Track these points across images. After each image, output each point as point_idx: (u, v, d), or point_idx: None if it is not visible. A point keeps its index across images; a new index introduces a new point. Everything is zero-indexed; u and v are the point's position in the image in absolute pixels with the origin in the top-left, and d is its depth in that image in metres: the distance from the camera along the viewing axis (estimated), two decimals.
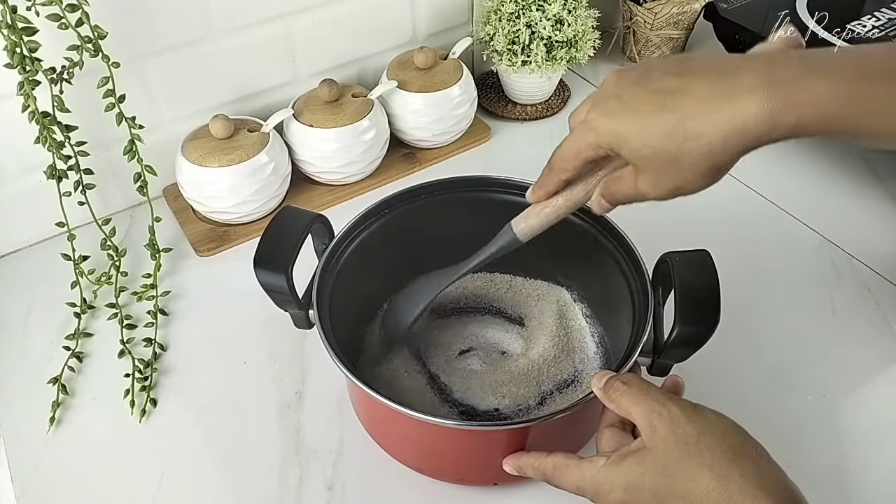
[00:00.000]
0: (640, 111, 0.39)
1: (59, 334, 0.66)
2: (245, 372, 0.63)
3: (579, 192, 0.46)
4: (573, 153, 0.43)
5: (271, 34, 0.78)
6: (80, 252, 0.69)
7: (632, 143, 0.40)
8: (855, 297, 0.69)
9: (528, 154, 0.87)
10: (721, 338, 0.47)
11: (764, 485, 0.38)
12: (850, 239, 0.74)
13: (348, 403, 0.60)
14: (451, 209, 0.62)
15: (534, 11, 0.82)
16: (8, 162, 0.70)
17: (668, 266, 0.49)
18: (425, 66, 0.81)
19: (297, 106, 0.78)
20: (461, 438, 0.50)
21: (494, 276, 0.67)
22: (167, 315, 0.68)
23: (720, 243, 0.56)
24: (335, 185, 0.81)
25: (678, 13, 0.95)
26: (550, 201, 0.47)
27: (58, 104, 0.61)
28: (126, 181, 0.72)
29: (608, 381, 0.45)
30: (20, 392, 0.62)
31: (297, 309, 0.51)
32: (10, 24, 0.56)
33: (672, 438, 0.40)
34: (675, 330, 0.46)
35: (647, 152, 0.39)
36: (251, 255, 0.49)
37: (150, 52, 0.71)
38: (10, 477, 0.56)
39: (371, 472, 0.56)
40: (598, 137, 0.41)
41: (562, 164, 0.44)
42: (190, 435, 0.59)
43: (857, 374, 0.63)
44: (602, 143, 0.41)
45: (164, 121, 0.76)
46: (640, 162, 0.40)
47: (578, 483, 0.44)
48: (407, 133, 0.84)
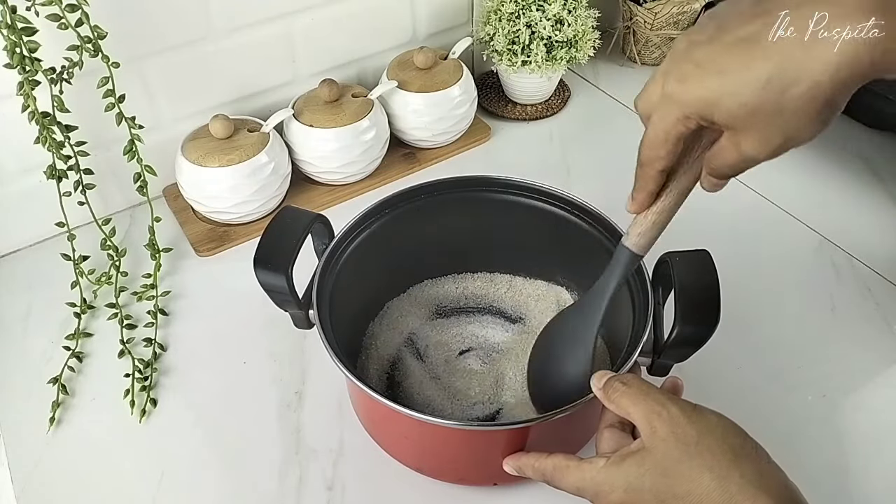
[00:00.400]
0: (725, 69, 0.35)
1: (59, 334, 0.66)
2: (245, 372, 0.63)
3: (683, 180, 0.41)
4: (662, 136, 0.38)
5: (271, 34, 0.78)
6: (80, 252, 0.69)
7: (725, 106, 0.35)
8: (855, 297, 0.69)
9: (528, 154, 0.87)
10: (721, 338, 0.47)
11: (764, 485, 0.38)
12: (850, 239, 0.74)
13: (348, 403, 0.60)
14: (451, 209, 0.62)
15: (534, 11, 0.82)
16: (8, 162, 0.70)
17: (668, 266, 0.49)
18: (425, 66, 0.81)
19: (297, 106, 0.78)
20: (461, 438, 0.50)
21: (494, 276, 0.67)
22: (167, 315, 0.68)
23: (720, 243, 0.56)
24: (335, 185, 0.81)
25: (678, 13, 0.95)
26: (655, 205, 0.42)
27: (58, 104, 0.61)
28: (126, 181, 0.72)
29: (608, 382, 0.45)
30: (20, 392, 0.62)
31: (297, 309, 0.51)
32: (10, 24, 0.56)
33: (672, 439, 0.40)
34: (675, 330, 0.46)
35: (744, 112, 0.34)
36: (251, 255, 0.49)
37: (150, 52, 0.71)
38: (10, 477, 0.56)
39: (371, 472, 0.56)
40: (685, 108, 0.36)
41: (653, 153, 0.39)
42: (190, 435, 0.59)
43: (857, 374, 0.63)
44: (690, 112, 0.36)
45: (164, 121, 0.76)
46: (739, 123, 0.35)
47: (578, 484, 0.44)
48: (407, 133, 0.84)
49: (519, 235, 0.63)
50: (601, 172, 0.84)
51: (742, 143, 0.36)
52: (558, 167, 0.85)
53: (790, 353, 0.64)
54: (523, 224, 0.61)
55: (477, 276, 0.68)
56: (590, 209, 0.58)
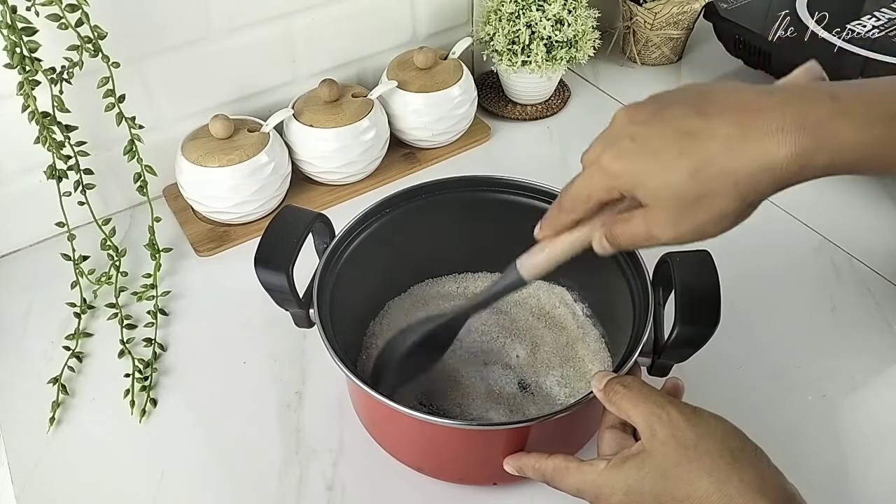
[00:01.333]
0: (659, 153, 0.37)
1: (59, 334, 0.66)
2: (245, 372, 0.63)
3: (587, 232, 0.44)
4: (585, 196, 0.41)
5: (271, 34, 0.78)
6: (80, 252, 0.69)
7: (650, 185, 0.37)
8: (855, 297, 0.69)
9: (528, 154, 0.87)
10: (721, 338, 0.47)
11: (763, 489, 0.38)
12: (850, 239, 0.74)
13: (348, 403, 0.60)
14: (451, 209, 0.62)
15: (534, 11, 0.82)
16: (8, 162, 0.70)
17: (669, 266, 0.49)
18: (425, 66, 0.81)
19: (297, 106, 0.78)
20: (461, 438, 0.50)
21: (495, 276, 0.67)
22: (167, 315, 0.68)
23: (720, 243, 0.55)
24: (335, 185, 0.81)
25: (678, 13, 0.95)
26: (557, 240, 0.45)
27: (58, 104, 0.61)
28: (126, 181, 0.72)
29: (608, 384, 0.45)
30: (20, 392, 0.62)
31: (297, 308, 0.51)
32: (10, 24, 0.56)
33: (671, 442, 0.40)
34: (676, 330, 0.46)
35: (666, 193, 0.37)
36: (251, 255, 0.49)
37: (150, 52, 0.71)
38: (10, 477, 0.56)
39: (371, 471, 0.56)
40: (613, 180, 0.39)
41: (572, 206, 0.42)
42: (190, 435, 0.59)
43: (857, 374, 0.63)
44: (616, 185, 0.39)
45: (164, 121, 0.76)
46: (657, 203, 0.38)
47: (579, 486, 0.44)
48: (407, 133, 0.84)
49: (519, 235, 0.62)
50: None
51: (653, 221, 0.38)
52: (558, 167, 0.85)
53: (790, 353, 0.64)
54: (523, 224, 0.61)
55: (477, 275, 0.68)
56: None
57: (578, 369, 0.60)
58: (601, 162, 0.39)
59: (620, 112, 0.40)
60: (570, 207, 0.42)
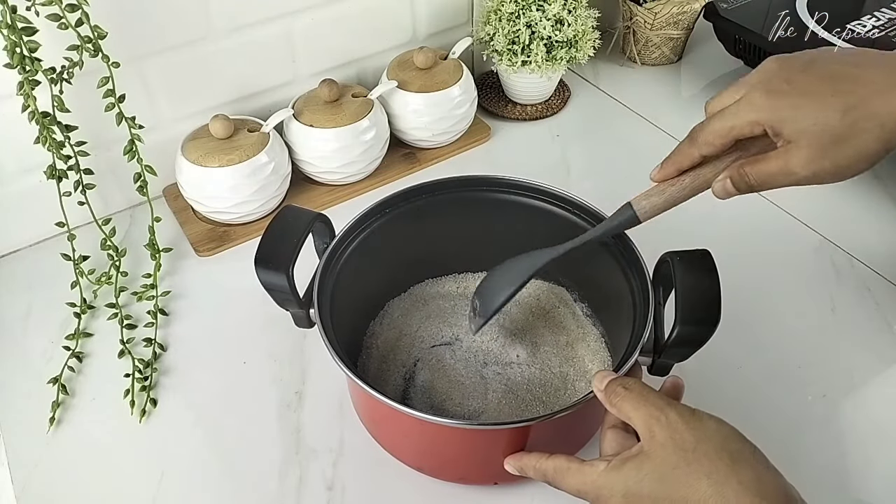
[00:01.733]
0: (812, 94, 0.39)
1: (59, 334, 0.66)
2: (245, 372, 0.63)
3: (708, 172, 0.44)
4: (726, 129, 0.42)
5: (271, 34, 0.78)
6: (80, 252, 0.69)
7: (800, 120, 0.40)
8: (855, 297, 0.69)
9: (528, 154, 0.87)
10: (721, 338, 0.47)
11: (761, 491, 0.38)
12: (850, 239, 0.74)
13: (348, 403, 0.60)
14: (451, 209, 0.62)
15: (534, 11, 0.82)
16: (8, 162, 0.70)
17: (669, 266, 0.49)
18: (425, 66, 0.81)
19: (297, 106, 0.78)
20: (462, 438, 0.50)
21: None
22: (167, 315, 0.68)
23: (720, 243, 0.56)
24: (335, 185, 0.81)
25: (678, 13, 0.95)
26: (677, 180, 0.45)
27: (58, 104, 0.61)
28: (126, 181, 0.72)
29: (609, 385, 0.45)
30: (20, 392, 0.62)
31: (297, 308, 0.51)
32: (10, 24, 0.56)
33: (670, 445, 0.40)
34: (676, 330, 0.46)
35: (816, 129, 0.39)
36: (251, 255, 0.49)
37: (150, 52, 0.71)
38: (10, 477, 0.56)
39: (371, 471, 0.56)
40: (760, 114, 0.41)
41: (709, 139, 0.43)
42: (190, 435, 0.59)
43: (857, 374, 0.63)
44: (763, 119, 0.41)
45: (164, 121, 0.76)
46: (805, 138, 0.40)
47: (579, 487, 0.44)
48: (407, 133, 0.84)
49: (519, 235, 0.63)
50: (601, 172, 0.84)
51: (793, 157, 0.40)
52: (558, 167, 0.85)
53: (790, 353, 0.64)
54: (523, 224, 0.61)
55: (478, 275, 0.68)
56: (590, 209, 0.58)
57: (578, 369, 0.60)
58: (751, 98, 0.41)
59: (771, 61, 0.42)
60: (705, 141, 0.43)
